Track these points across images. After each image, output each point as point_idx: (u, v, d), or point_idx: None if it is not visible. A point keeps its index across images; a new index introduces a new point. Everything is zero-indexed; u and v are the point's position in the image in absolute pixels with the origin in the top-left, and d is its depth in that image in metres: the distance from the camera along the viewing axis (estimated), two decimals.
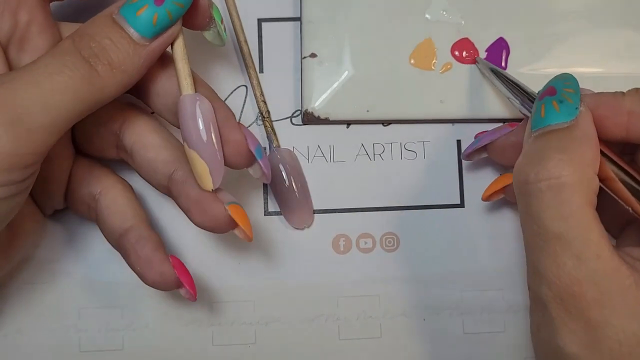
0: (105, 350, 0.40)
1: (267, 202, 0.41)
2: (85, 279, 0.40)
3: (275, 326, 0.40)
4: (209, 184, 0.34)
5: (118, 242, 0.36)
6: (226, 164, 0.34)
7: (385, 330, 0.40)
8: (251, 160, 0.35)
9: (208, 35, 0.35)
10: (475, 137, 0.39)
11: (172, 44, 0.33)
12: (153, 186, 0.37)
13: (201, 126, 0.33)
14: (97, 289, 0.40)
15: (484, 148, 0.39)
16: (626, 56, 0.41)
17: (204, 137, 0.33)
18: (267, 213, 0.41)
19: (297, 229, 0.41)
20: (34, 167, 0.31)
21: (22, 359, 0.39)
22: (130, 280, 0.40)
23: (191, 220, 0.35)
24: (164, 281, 0.35)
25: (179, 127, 0.33)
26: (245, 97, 0.41)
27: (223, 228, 0.35)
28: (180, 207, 0.35)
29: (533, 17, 0.41)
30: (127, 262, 0.36)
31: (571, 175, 0.30)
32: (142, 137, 0.36)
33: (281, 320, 0.40)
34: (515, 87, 0.37)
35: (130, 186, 0.37)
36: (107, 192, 0.37)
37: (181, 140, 0.33)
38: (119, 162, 0.38)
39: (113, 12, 0.32)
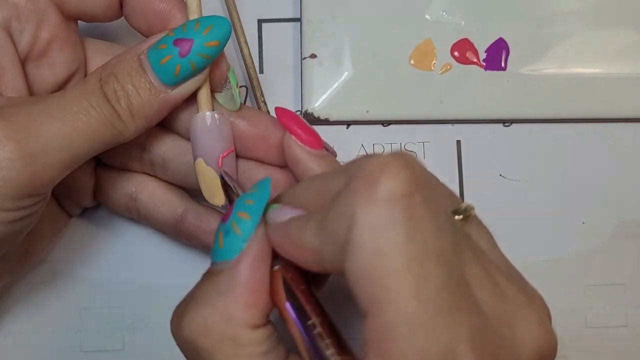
0: (106, 351, 0.40)
1: None
2: (85, 279, 0.40)
3: None
4: (220, 200, 0.34)
5: (177, 229, 0.36)
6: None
7: None
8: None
9: (219, 97, 0.34)
10: None
11: None
12: (182, 187, 0.37)
13: (223, 143, 0.33)
14: (97, 289, 0.40)
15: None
16: (626, 56, 0.41)
17: (225, 155, 0.33)
18: None
19: None
20: (45, 194, 0.31)
21: (22, 359, 0.39)
22: (130, 280, 0.40)
23: None
24: None
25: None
26: (246, 98, 0.41)
27: None
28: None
29: (533, 17, 0.41)
30: (196, 244, 0.36)
31: (211, 336, 0.27)
32: (172, 144, 0.36)
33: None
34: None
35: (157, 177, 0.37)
36: (142, 188, 0.37)
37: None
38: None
39: (142, 52, 0.32)
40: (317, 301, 0.28)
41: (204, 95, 0.33)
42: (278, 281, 0.28)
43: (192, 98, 0.34)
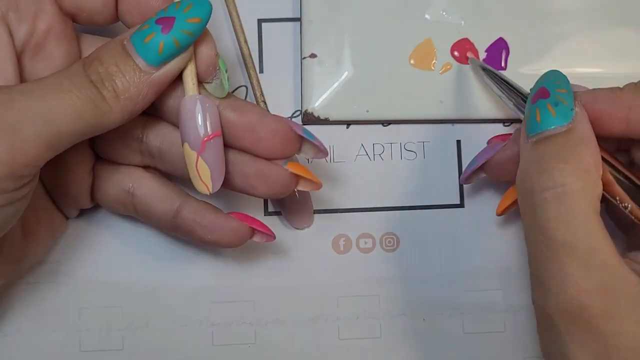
0: (105, 350, 0.40)
1: (267, 202, 0.41)
2: (85, 279, 0.40)
3: (275, 326, 0.40)
4: (204, 189, 0.34)
5: (174, 224, 0.36)
6: (272, 155, 0.35)
7: (385, 330, 0.40)
8: (295, 145, 0.35)
9: (209, 87, 0.34)
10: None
11: None
12: (180, 179, 0.37)
13: (208, 127, 0.33)
14: (97, 289, 0.40)
15: (481, 168, 0.38)
16: (626, 56, 0.41)
17: (210, 139, 0.33)
18: (267, 213, 0.41)
19: (297, 229, 0.41)
20: (28, 177, 0.31)
21: (22, 359, 0.39)
22: (130, 280, 0.40)
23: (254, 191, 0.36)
24: (239, 235, 0.36)
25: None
26: (245, 98, 0.41)
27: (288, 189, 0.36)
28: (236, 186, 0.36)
29: (533, 17, 0.41)
30: (193, 238, 0.36)
31: (575, 182, 0.30)
32: (169, 135, 0.36)
33: (281, 320, 0.40)
34: (507, 87, 0.37)
35: (156, 170, 0.37)
36: (139, 183, 0.37)
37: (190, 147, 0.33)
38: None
39: (125, 38, 0.32)
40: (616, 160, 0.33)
41: (188, 77, 0.33)
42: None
43: (181, 85, 0.34)
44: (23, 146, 0.29)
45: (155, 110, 0.34)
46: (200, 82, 0.34)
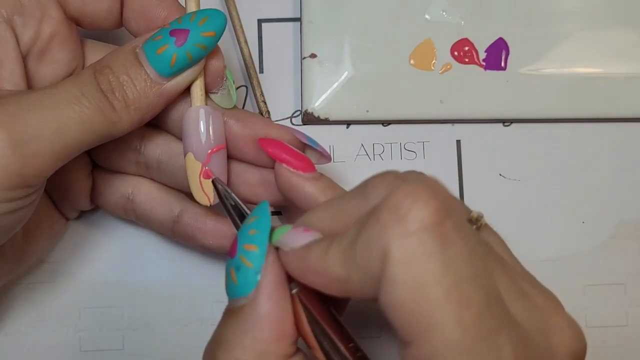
0: (105, 350, 0.40)
1: None
2: (85, 279, 0.40)
3: None
4: (206, 201, 0.34)
5: (175, 230, 0.36)
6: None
7: (385, 329, 0.40)
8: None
9: (216, 97, 0.34)
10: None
11: None
12: (179, 189, 0.37)
13: (213, 138, 0.33)
14: (97, 289, 0.40)
15: None
16: (626, 56, 0.41)
17: (215, 151, 0.33)
18: None
19: None
20: (37, 186, 0.31)
21: (22, 359, 0.39)
22: (130, 280, 0.40)
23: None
24: None
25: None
26: (246, 97, 0.41)
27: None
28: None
29: (533, 17, 0.41)
30: (194, 244, 0.36)
31: None
32: (169, 147, 0.35)
33: None
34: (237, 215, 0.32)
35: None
36: (139, 190, 0.37)
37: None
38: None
39: (137, 46, 0.32)
40: (338, 322, 0.28)
41: (197, 88, 0.33)
42: (297, 305, 0.28)
43: (187, 96, 0.34)
44: (34, 159, 0.30)
45: (156, 121, 0.34)
46: (207, 92, 0.34)
